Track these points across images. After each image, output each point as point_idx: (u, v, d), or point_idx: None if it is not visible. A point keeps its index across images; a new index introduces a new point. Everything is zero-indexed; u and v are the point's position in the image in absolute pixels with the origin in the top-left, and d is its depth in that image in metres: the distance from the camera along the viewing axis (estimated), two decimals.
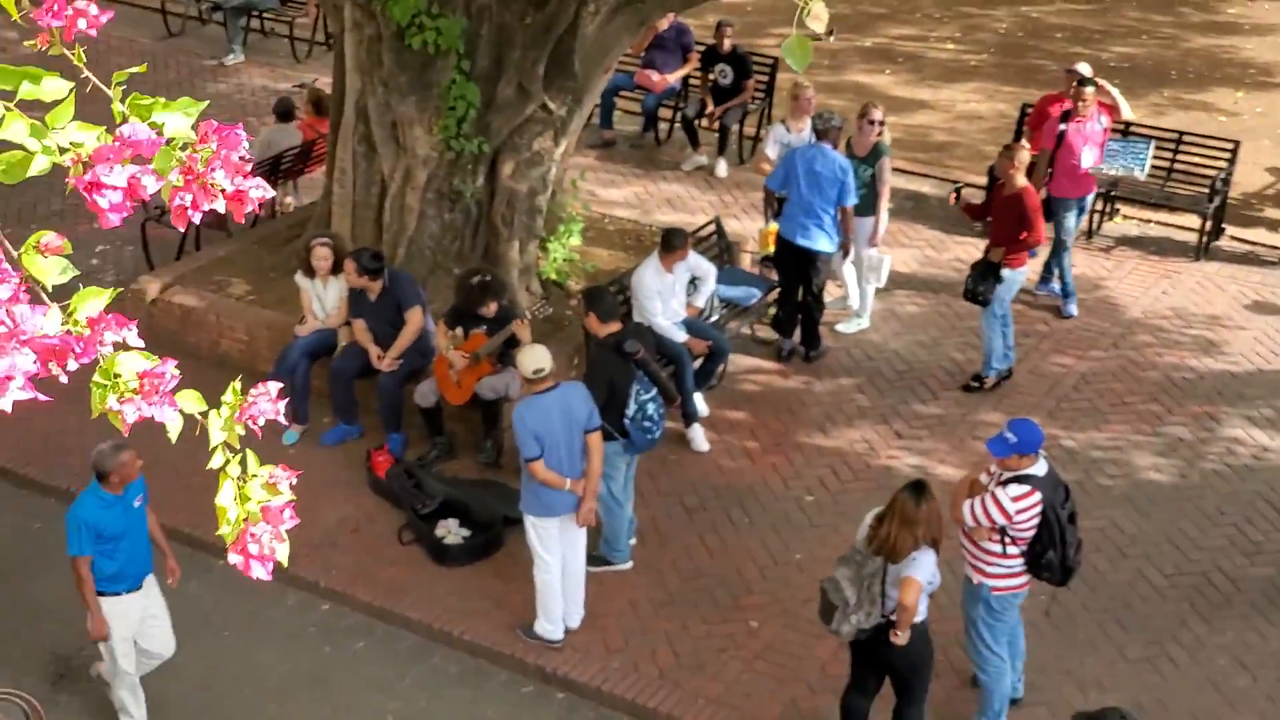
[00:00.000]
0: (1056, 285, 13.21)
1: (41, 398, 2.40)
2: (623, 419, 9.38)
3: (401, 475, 10.52)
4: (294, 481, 2.79)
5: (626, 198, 15.06)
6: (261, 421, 2.76)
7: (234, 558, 2.75)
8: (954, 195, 12.97)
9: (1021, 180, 11.47)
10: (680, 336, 11.06)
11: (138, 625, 8.41)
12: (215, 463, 2.72)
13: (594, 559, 9.66)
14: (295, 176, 14.30)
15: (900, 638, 7.67)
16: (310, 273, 11.24)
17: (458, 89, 11.45)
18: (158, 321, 12.31)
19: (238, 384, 2.79)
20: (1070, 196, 13.01)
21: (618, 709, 8.90)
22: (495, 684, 9.15)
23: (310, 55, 18.33)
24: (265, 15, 18.75)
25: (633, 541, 10.01)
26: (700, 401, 11.38)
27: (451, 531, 10.13)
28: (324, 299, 11.30)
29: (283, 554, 2.78)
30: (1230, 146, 14.51)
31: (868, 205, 12.42)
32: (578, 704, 8.99)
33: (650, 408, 9.46)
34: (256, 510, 2.74)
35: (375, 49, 11.54)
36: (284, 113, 14.28)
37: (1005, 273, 11.51)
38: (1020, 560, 8.06)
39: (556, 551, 9.07)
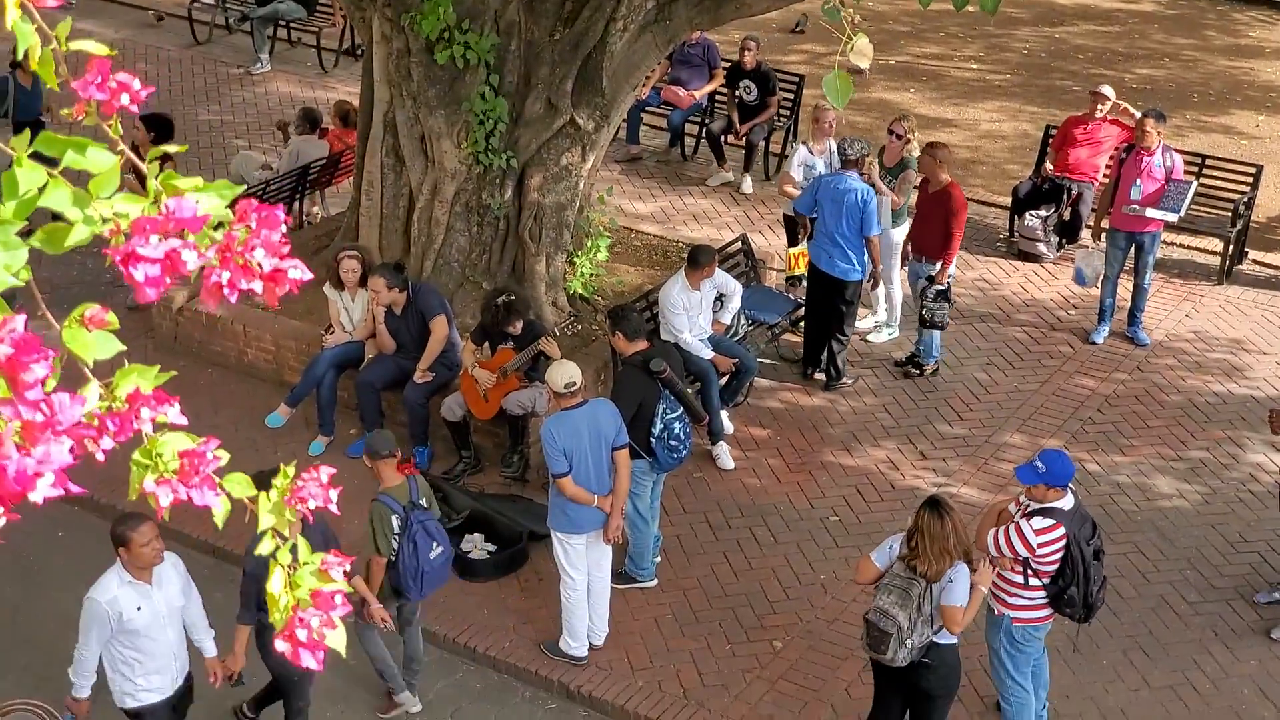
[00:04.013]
0: (1144, 333, 13.14)
1: (75, 490, 2.30)
2: (649, 438, 9.40)
3: None
4: (347, 569, 2.70)
5: (653, 212, 15.11)
6: (311, 505, 2.67)
7: (281, 645, 2.64)
8: None
9: (946, 177, 11.95)
10: (706, 353, 11.09)
11: None
12: (264, 549, 2.63)
13: (619, 576, 9.70)
14: (322, 187, 14.36)
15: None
16: (339, 285, 11.28)
17: (486, 104, 11.48)
18: (184, 330, 12.35)
19: (290, 468, 2.70)
20: (1120, 230, 12.88)
21: None
22: (519, 700, 9.17)
23: (337, 65, 18.39)
24: (292, 25, 18.82)
25: (658, 559, 10.04)
26: (725, 419, 11.41)
27: (477, 546, 10.16)
28: (351, 311, 11.34)
29: (337, 641, 2.64)
30: (1253, 170, 14.53)
31: (894, 216, 12.65)
32: None
33: (676, 427, 9.48)
34: (306, 597, 2.64)
35: (404, 62, 11.58)
36: (311, 123, 14.32)
37: (949, 273, 11.99)
38: (1042, 593, 8.05)
39: (582, 568, 9.09)
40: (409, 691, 8.96)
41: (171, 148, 2.62)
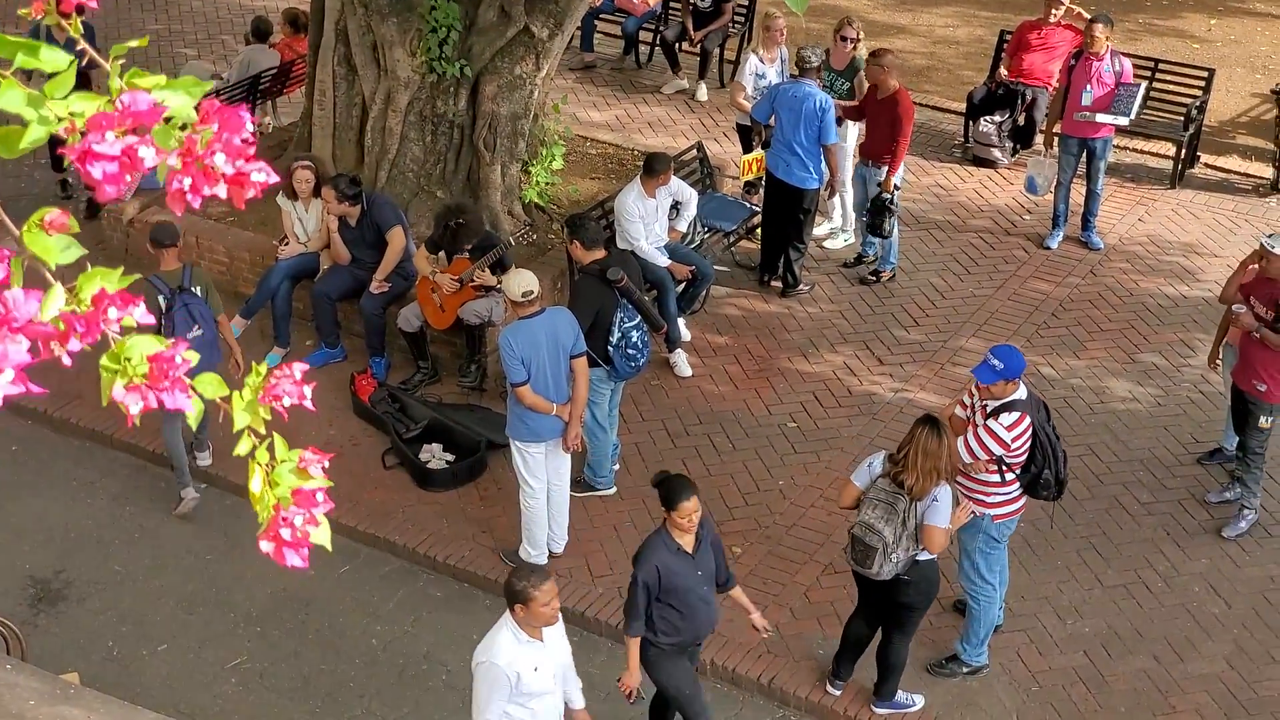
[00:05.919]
0: (1097, 237, 13.19)
1: (35, 390, 2.26)
2: (607, 346, 9.39)
3: (385, 399, 10.53)
4: (326, 465, 2.62)
5: (608, 120, 15.01)
6: (286, 403, 2.61)
7: (265, 545, 2.58)
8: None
9: (894, 83, 12.02)
10: (663, 261, 11.07)
11: None
12: (241, 449, 2.57)
13: (578, 484, 9.72)
14: (274, 97, 14.18)
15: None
16: (292, 195, 11.18)
17: (439, 11, 11.33)
18: (135, 242, 12.20)
19: (262, 366, 2.64)
20: (1071, 135, 12.85)
21: (602, 634, 8.97)
22: (479, 608, 9.19)
23: None
24: None
25: (616, 467, 10.07)
26: (683, 326, 11.42)
27: (435, 456, 10.16)
28: (305, 222, 11.25)
29: (321, 537, 2.61)
30: (1205, 74, 14.55)
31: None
32: None
33: (634, 335, 9.47)
34: (287, 495, 2.59)
35: None
36: (260, 33, 14.12)
37: (895, 179, 12.01)
38: (1017, 485, 8.19)
39: (542, 476, 9.10)
40: (192, 488, 9.85)
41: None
